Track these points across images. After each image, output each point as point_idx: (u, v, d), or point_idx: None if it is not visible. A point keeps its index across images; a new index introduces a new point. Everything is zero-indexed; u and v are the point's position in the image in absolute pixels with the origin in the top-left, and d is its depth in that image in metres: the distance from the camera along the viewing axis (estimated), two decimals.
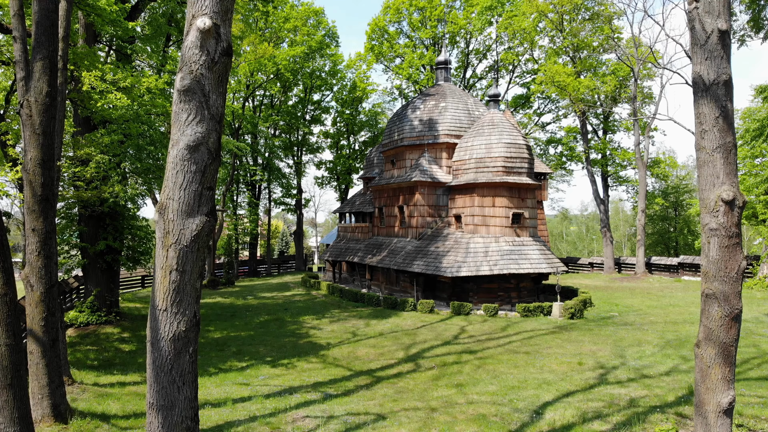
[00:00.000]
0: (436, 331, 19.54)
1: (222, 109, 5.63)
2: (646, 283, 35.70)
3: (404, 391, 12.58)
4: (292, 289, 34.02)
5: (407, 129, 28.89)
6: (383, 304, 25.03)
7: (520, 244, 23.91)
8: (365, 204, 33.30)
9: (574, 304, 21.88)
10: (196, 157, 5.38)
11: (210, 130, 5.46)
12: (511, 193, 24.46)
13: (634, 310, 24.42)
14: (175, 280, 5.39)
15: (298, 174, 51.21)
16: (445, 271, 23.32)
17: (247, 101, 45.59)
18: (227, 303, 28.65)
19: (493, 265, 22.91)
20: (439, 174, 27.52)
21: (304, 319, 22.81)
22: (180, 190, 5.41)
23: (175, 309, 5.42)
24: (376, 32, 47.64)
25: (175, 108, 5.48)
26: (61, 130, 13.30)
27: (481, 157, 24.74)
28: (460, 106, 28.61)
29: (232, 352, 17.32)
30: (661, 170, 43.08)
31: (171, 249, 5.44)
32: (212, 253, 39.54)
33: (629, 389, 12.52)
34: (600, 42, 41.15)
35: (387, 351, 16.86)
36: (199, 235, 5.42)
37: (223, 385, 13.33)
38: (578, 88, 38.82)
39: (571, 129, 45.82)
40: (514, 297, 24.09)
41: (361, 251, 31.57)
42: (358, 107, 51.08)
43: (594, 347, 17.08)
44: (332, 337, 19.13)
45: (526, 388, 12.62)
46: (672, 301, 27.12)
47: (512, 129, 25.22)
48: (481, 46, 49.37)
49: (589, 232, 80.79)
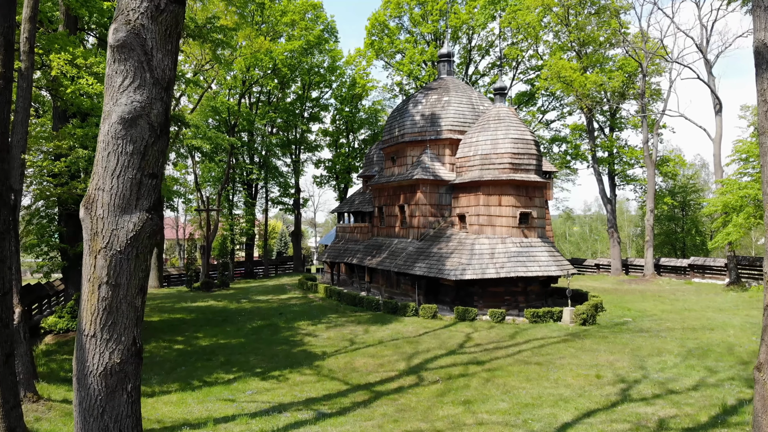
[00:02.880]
0: (439, 339, 18.25)
1: (171, 73, 4.31)
2: (655, 285, 34.42)
3: (406, 410, 11.31)
4: (288, 292, 32.74)
5: (408, 124, 27.58)
6: (383, 309, 23.75)
7: (528, 246, 22.62)
8: (365, 203, 32.02)
9: (586, 309, 20.59)
10: (134, 134, 4.06)
11: (153, 99, 4.14)
12: (519, 191, 23.16)
13: (648, 315, 23.14)
14: (106, 297, 4.08)
15: (296, 173, 49.95)
16: (449, 273, 22.04)
17: (244, 98, 44.32)
18: (220, 307, 27.38)
19: (499, 268, 21.62)
20: (442, 171, 26.22)
21: (299, 325, 21.53)
22: (112, 177, 4.09)
23: (107, 334, 4.10)
24: (376, 27, 46.37)
25: (108, 70, 4.16)
26: (25, 119, 12.05)
27: (487, 154, 23.44)
28: (464, 101, 27.31)
29: (219, 362, 16.04)
30: (670, 169, 41.76)
31: (100, 256, 4.13)
32: (207, 254, 38.28)
33: (656, 407, 11.24)
34: (607, 37, 39.87)
35: (387, 361, 15.58)
36: (137, 237, 4.10)
37: (206, 402, 12.05)
38: (585, 83, 37.53)
39: (576, 126, 44.51)
40: (522, 301, 22.79)
41: (360, 252, 30.29)
42: (357, 104, 49.83)
43: (611, 357, 15.80)
44: (328, 345, 17.85)
45: (542, 406, 11.34)
46: (686, 305, 25.85)
47: (519, 124, 23.92)
48: (484, 42, 48.11)
49: (592, 232, 79.43)
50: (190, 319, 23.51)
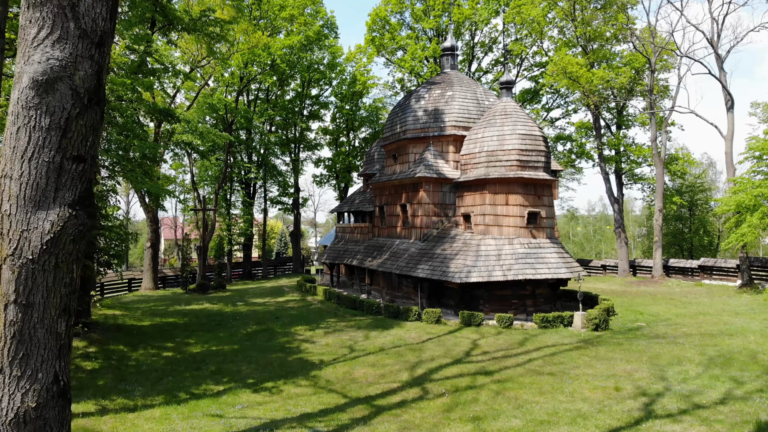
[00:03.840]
0: (444, 346, 17.22)
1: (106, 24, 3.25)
2: (665, 287, 33.36)
3: (410, 427, 10.30)
4: (286, 294, 31.72)
5: (410, 120, 26.53)
6: (384, 313, 22.73)
7: (537, 247, 21.58)
8: (365, 203, 31.00)
9: (598, 314, 19.55)
10: (51, 103, 3.02)
11: (78, 57, 3.09)
12: (527, 189, 22.12)
13: (662, 319, 22.11)
14: (15, 321, 3.04)
15: (295, 172, 48.93)
16: (453, 276, 21.02)
17: (241, 95, 43.30)
18: (215, 310, 26.37)
19: (507, 270, 20.59)
20: (446, 169, 25.19)
21: (296, 330, 20.51)
22: (23, 161, 3.05)
23: (17, 370, 3.08)
24: (377, 23, 45.32)
25: (22, 20, 3.10)
26: None
27: (493, 150, 22.40)
28: (469, 95, 26.26)
29: (209, 371, 15.02)
30: (679, 167, 40.64)
31: (6, 266, 3.09)
32: (203, 255, 37.30)
33: (684, 425, 10.24)
34: (614, 32, 38.81)
35: (389, 371, 14.55)
36: (56, 240, 3.06)
37: (191, 418, 11.04)
38: (591, 79, 36.48)
39: (582, 124, 43.43)
40: (530, 305, 21.75)
41: (360, 253, 29.26)
42: (358, 102, 48.82)
43: (629, 366, 14.77)
44: (326, 353, 16.83)
45: (558, 424, 10.33)
46: (700, 309, 24.81)
47: (527, 119, 22.89)
48: (487, 38, 47.11)
49: (596, 232, 78.34)
50: (182, 324, 22.50)
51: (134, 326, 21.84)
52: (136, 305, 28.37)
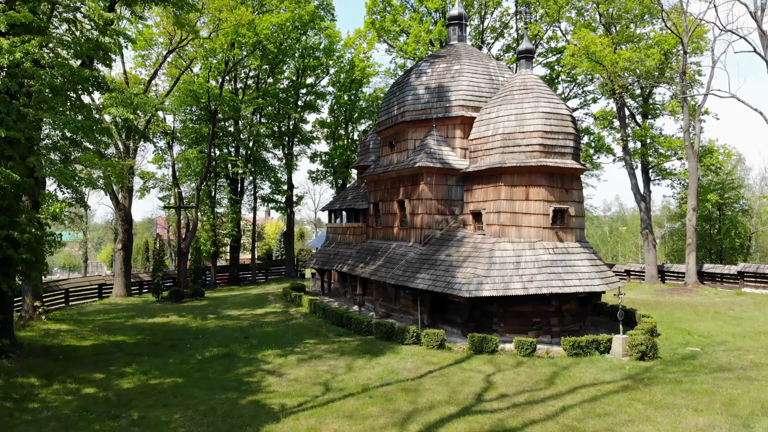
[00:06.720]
0: (448, 385, 13.09)
1: None
2: (702, 296, 29.07)
3: None
4: (268, 305, 27.65)
5: (410, 100, 22.34)
6: (375, 333, 18.60)
7: (564, 252, 17.38)
8: (358, 199, 26.90)
9: (644, 339, 15.36)
10: None
11: None
12: (552, 181, 17.92)
13: (717, 342, 17.90)
14: None
15: (288, 167, 44.85)
16: (461, 288, 16.89)
17: (227, 81, 39.29)
18: (179, 325, 22.36)
19: (528, 282, 16.43)
20: (452, 158, 21.06)
21: (263, 356, 16.44)
22: None
23: None
24: (378, 4, 41.20)
25: None
26: None
27: (511, 132, 18.22)
28: (480, 70, 22.05)
29: (129, 422, 11.00)
30: (714, 160, 36.20)
31: None
32: (180, 258, 33.37)
33: None
34: (641, 9, 34.53)
35: (369, 427, 10.46)
36: None
37: None
38: (617, 61, 32.23)
39: (605, 113, 39.04)
40: (555, 324, 17.54)
41: (352, 258, 25.19)
42: (357, 92, 44.71)
43: (701, 420, 10.64)
44: (293, 393, 12.76)
45: None
46: (756, 326, 20.61)
47: (551, 94, 18.71)
48: (498, 22, 42.94)
49: (612, 234, 73.65)
50: (130, 344, 18.52)
51: (69, 347, 17.88)
52: (92, 317, 24.44)
